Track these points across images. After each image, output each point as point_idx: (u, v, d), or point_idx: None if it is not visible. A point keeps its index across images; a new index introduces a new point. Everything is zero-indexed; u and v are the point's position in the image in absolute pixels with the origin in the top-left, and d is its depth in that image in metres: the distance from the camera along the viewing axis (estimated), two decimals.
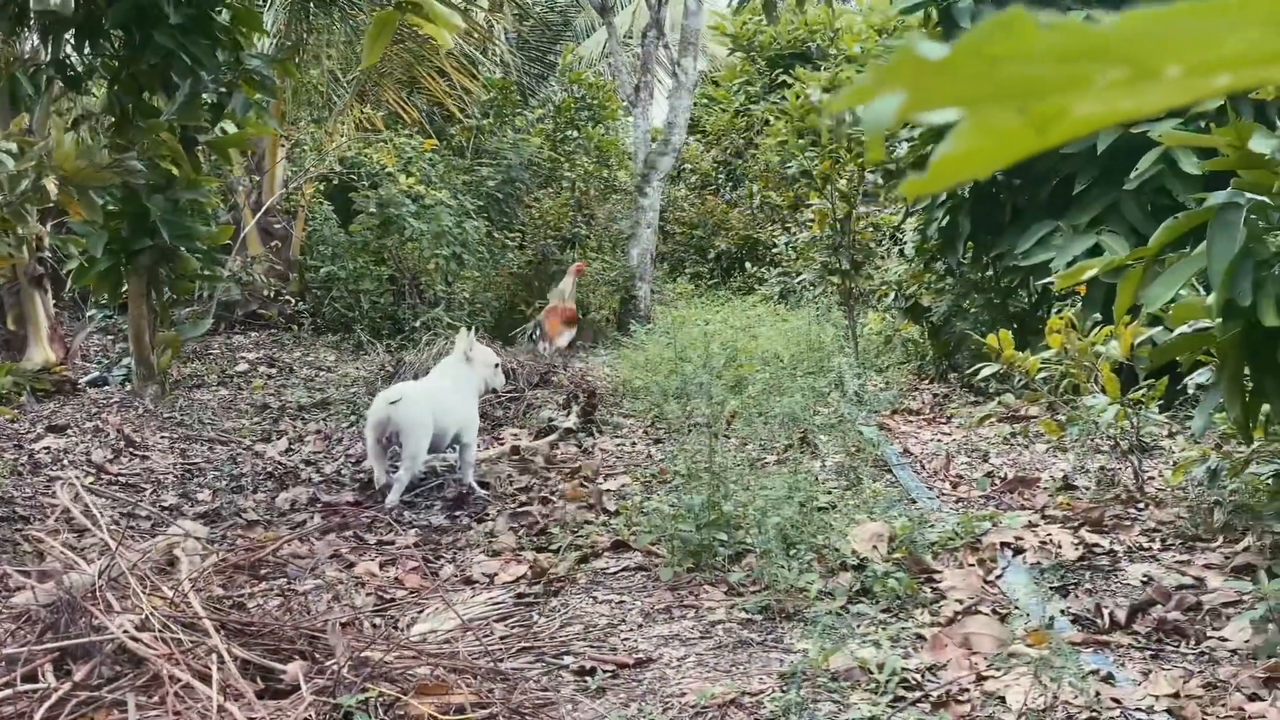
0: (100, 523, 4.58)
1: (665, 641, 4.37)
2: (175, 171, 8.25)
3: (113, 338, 11.81)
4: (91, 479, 6.72)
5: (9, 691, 3.38)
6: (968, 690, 3.68)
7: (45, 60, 8.14)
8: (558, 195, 16.79)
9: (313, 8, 13.75)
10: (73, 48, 8.41)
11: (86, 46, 8.25)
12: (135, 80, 8.14)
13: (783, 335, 12.77)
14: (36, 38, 8.34)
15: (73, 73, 8.31)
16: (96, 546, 4.93)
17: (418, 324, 12.96)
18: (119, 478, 6.99)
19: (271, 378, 10.91)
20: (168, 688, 3.31)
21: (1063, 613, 4.38)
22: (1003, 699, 3.57)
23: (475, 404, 7.18)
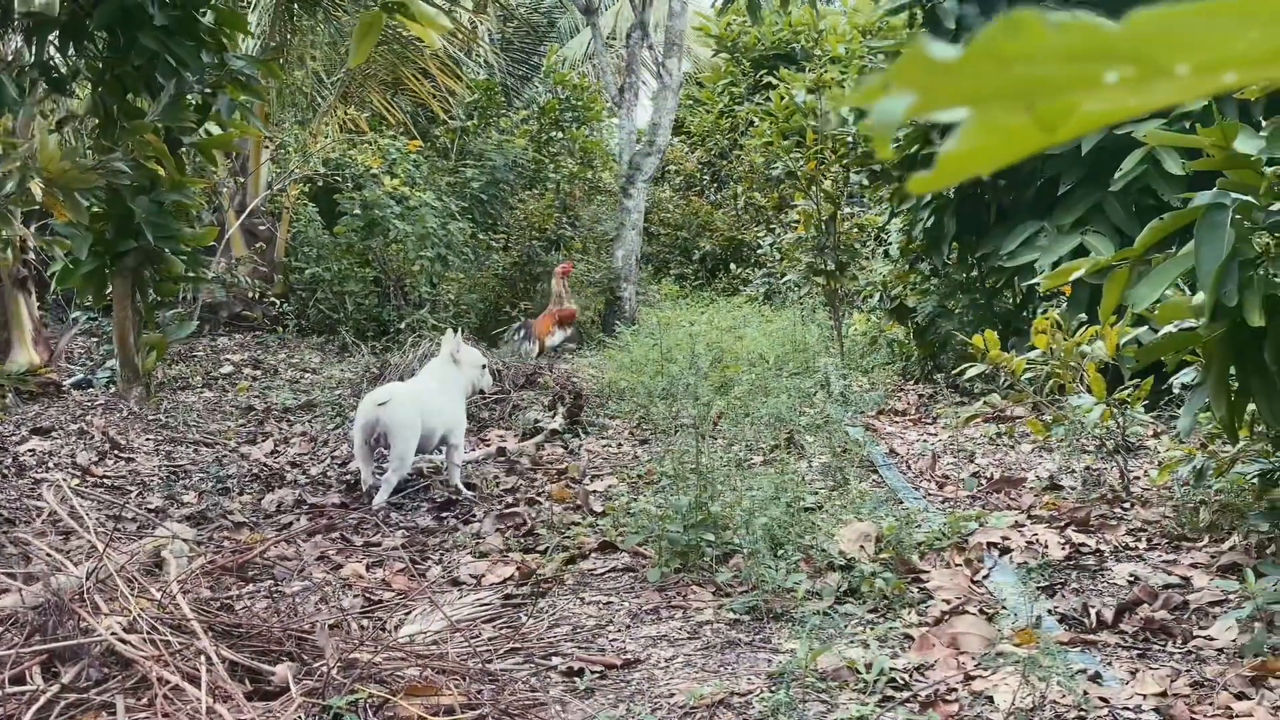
0: (88, 525, 4.57)
1: (653, 642, 4.37)
2: (160, 173, 8.23)
3: (97, 340, 11.79)
4: (77, 481, 6.70)
5: None
6: (956, 690, 3.69)
7: (29, 62, 8.11)
8: (542, 197, 16.78)
9: (296, 9, 13.72)
10: (57, 49, 8.39)
11: (71, 48, 8.23)
12: (120, 82, 8.12)
13: (768, 336, 12.80)
14: (20, 39, 8.30)
15: (57, 74, 8.28)
16: (83, 549, 4.92)
17: (402, 325, 12.94)
18: (104, 480, 6.97)
19: (256, 380, 10.89)
20: (156, 689, 3.31)
21: (1050, 612, 4.39)
22: (991, 698, 3.58)
23: (463, 405, 7.18)
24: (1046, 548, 5.17)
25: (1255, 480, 5.10)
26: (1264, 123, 4.19)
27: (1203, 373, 4.54)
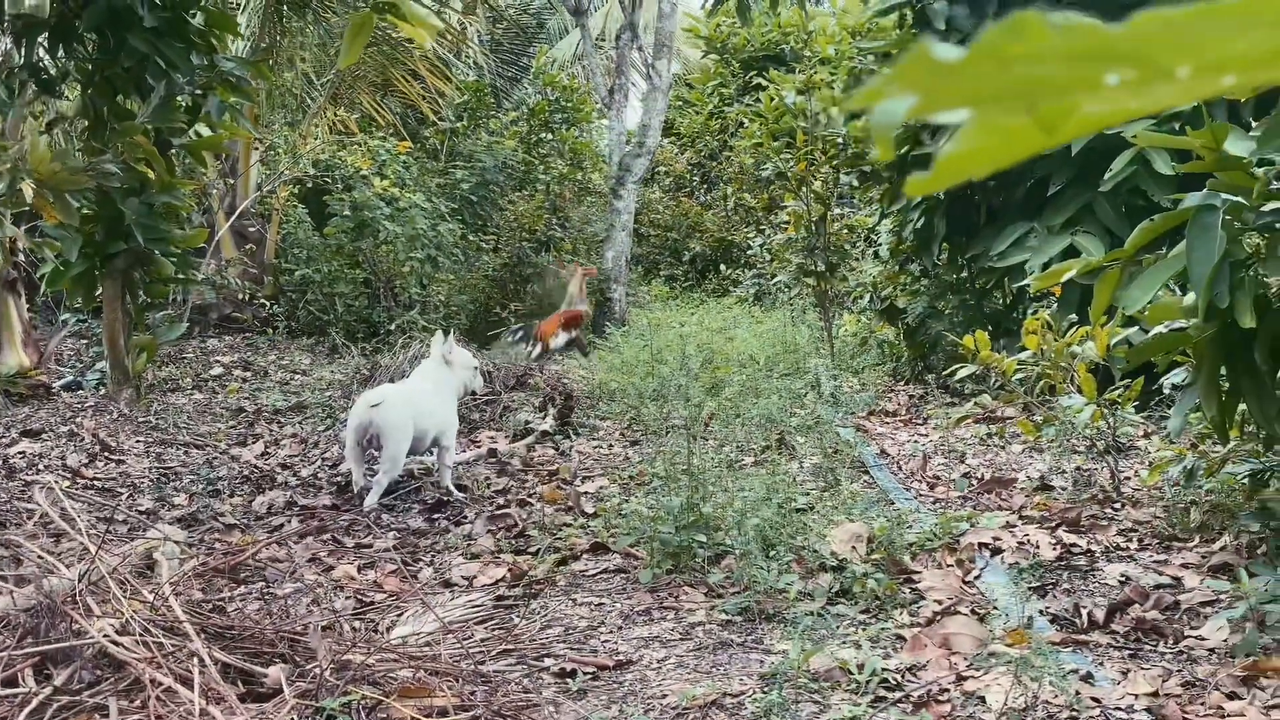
0: (79, 527, 4.56)
1: (645, 643, 4.37)
2: (150, 175, 8.22)
3: (87, 342, 11.77)
4: (67, 483, 6.69)
5: None
6: (948, 690, 3.69)
7: (19, 63, 8.11)
8: (532, 198, 16.79)
9: (285, 10, 13.71)
10: (46, 51, 8.37)
11: (60, 50, 8.22)
12: (109, 83, 8.11)
13: (758, 337, 12.80)
14: (10, 41, 8.29)
15: (46, 76, 8.27)
16: (74, 551, 4.91)
17: (392, 327, 12.93)
18: (95, 482, 6.96)
19: (246, 381, 10.87)
20: (149, 691, 3.30)
21: (1041, 613, 4.39)
22: (983, 699, 3.58)
23: (454, 407, 7.18)
24: (1038, 548, 5.18)
25: (1246, 480, 5.11)
26: (1254, 124, 4.19)
27: (1193, 373, 4.54)
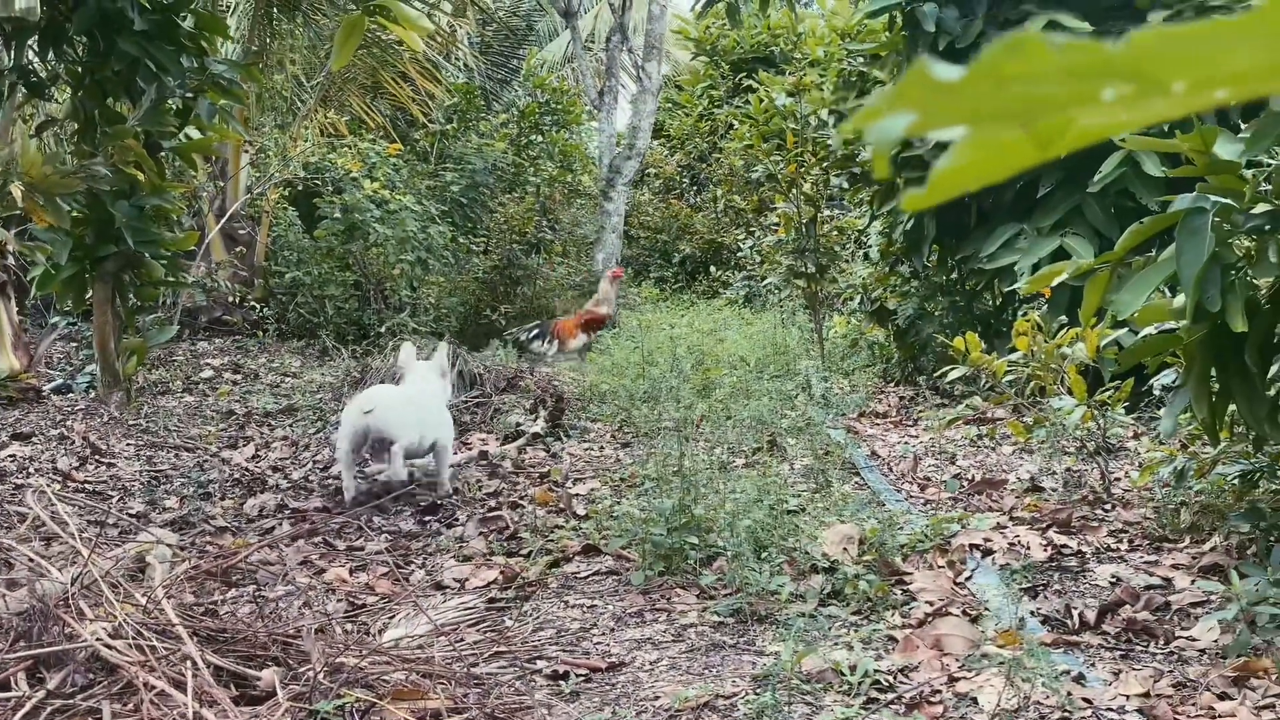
0: (71, 530, 4.56)
1: (638, 645, 4.38)
2: (140, 178, 8.21)
3: (76, 345, 11.76)
4: (58, 487, 6.68)
5: None
6: (940, 691, 3.70)
7: (8, 66, 8.10)
8: (522, 200, 16.78)
9: (276, 13, 13.70)
10: (36, 54, 8.36)
11: (50, 52, 8.21)
12: (100, 86, 8.09)
13: (749, 339, 12.82)
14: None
15: (36, 79, 8.26)
16: (65, 555, 4.91)
17: (383, 329, 12.92)
18: (85, 485, 6.95)
19: (237, 384, 10.86)
20: (142, 695, 3.30)
21: (1032, 614, 4.41)
22: (975, 700, 3.59)
23: (447, 410, 7.20)
24: (1028, 549, 5.19)
25: (1236, 481, 5.13)
26: (1243, 126, 4.21)
27: (1184, 375, 4.56)
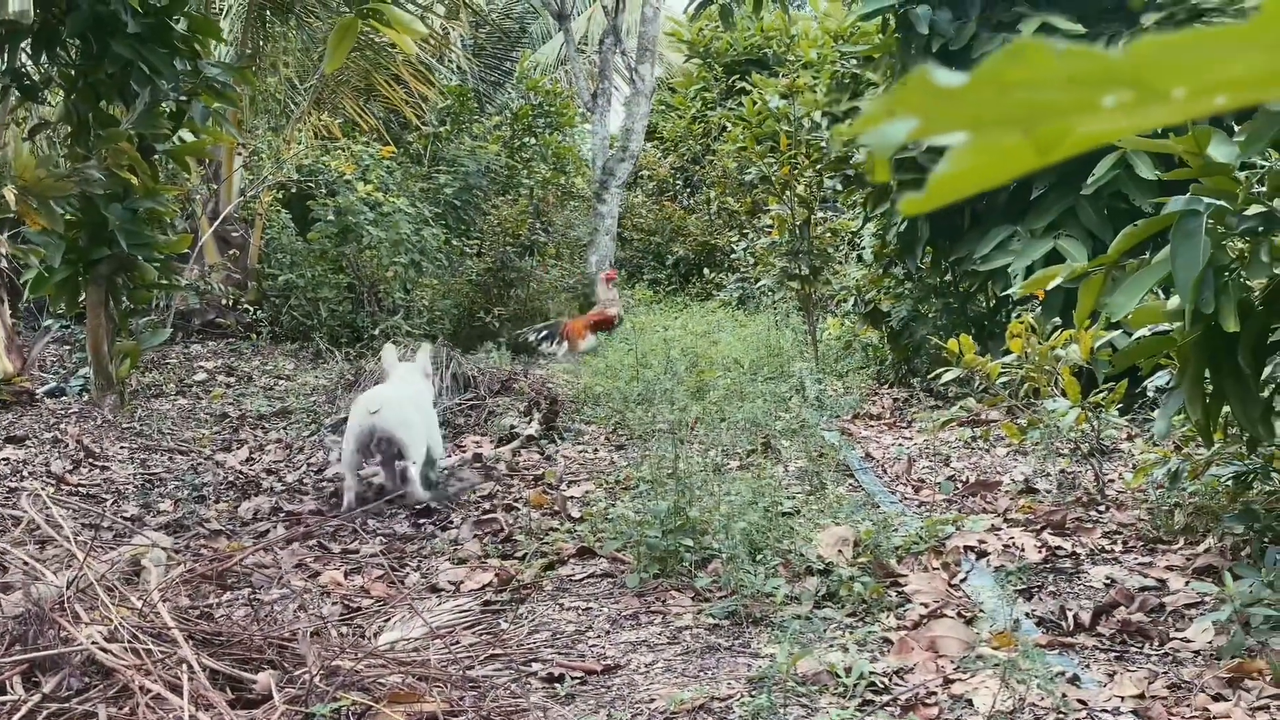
0: (67, 534, 4.56)
1: (633, 647, 4.38)
2: (133, 181, 8.21)
3: (70, 348, 11.73)
4: (52, 490, 6.67)
5: None
6: (935, 693, 3.70)
7: (2, 69, 8.09)
8: (516, 202, 16.79)
9: (269, 15, 13.70)
10: (29, 56, 8.35)
11: (44, 55, 8.20)
12: (93, 89, 8.09)
13: (742, 341, 12.82)
14: None
15: (29, 81, 8.25)
16: (60, 558, 4.91)
17: (376, 332, 12.93)
18: (79, 488, 6.94)
19: (230, 387, 10.86)
20: (138, 698, 3.30)
21: (1027, 615, 4.41)
22: (970, 701, 3.60)
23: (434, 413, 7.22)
24: (1023, 551, 5.20)
25: (1230, 482, 5.14)
26: (1237, 128, 4.22)
27: (1178, 376, 4.56)
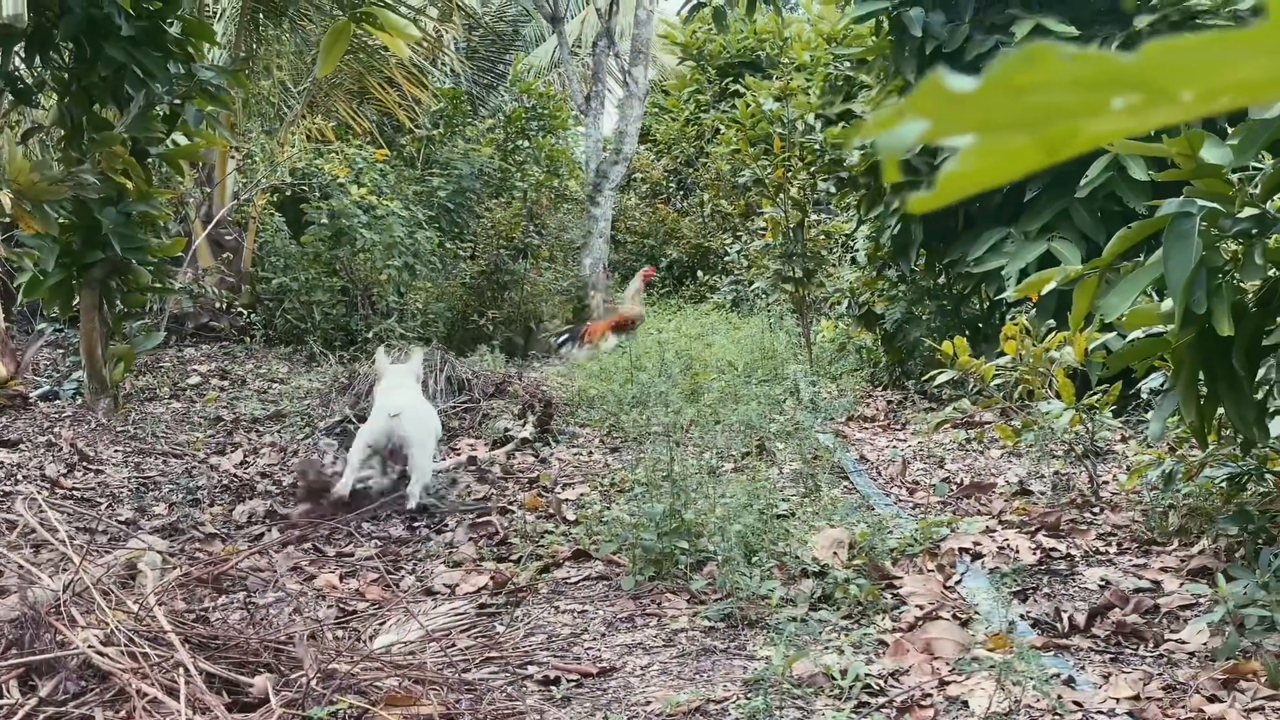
0: (63, 537, 4.56)
1: (629, 650, 4.38)
2: (127, 184, 8.20)
3: (63, 351, 11.71)
4: (46, 494, 6.66)
5: None
6: (931, 695, 3.71)
7: None
8: (509, 205, 16.77)
9: (262, 19, 13.69)
10: (22, 60, 8.35)
11: (37, 59, 8.19)
12: (87, 93, 8.08)
13: (736, 343, 12.84)
14: None
15: (23, 85, 8.25)
16: (55, 561, 4.90)
17: (370, 335, 12.92)
18: (73, 492, 6.93)
19: (224, 390, 10.84)
20: (135, 702, 3.30)
21: (1022, 617, 4.42)
22: (966, 703, 3.60)
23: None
24: (1017, 553, 5.21)
25: (1224, 484, 5.15)
26: (1229, 130, 4.22)
27: (1172, 378, 4.58)
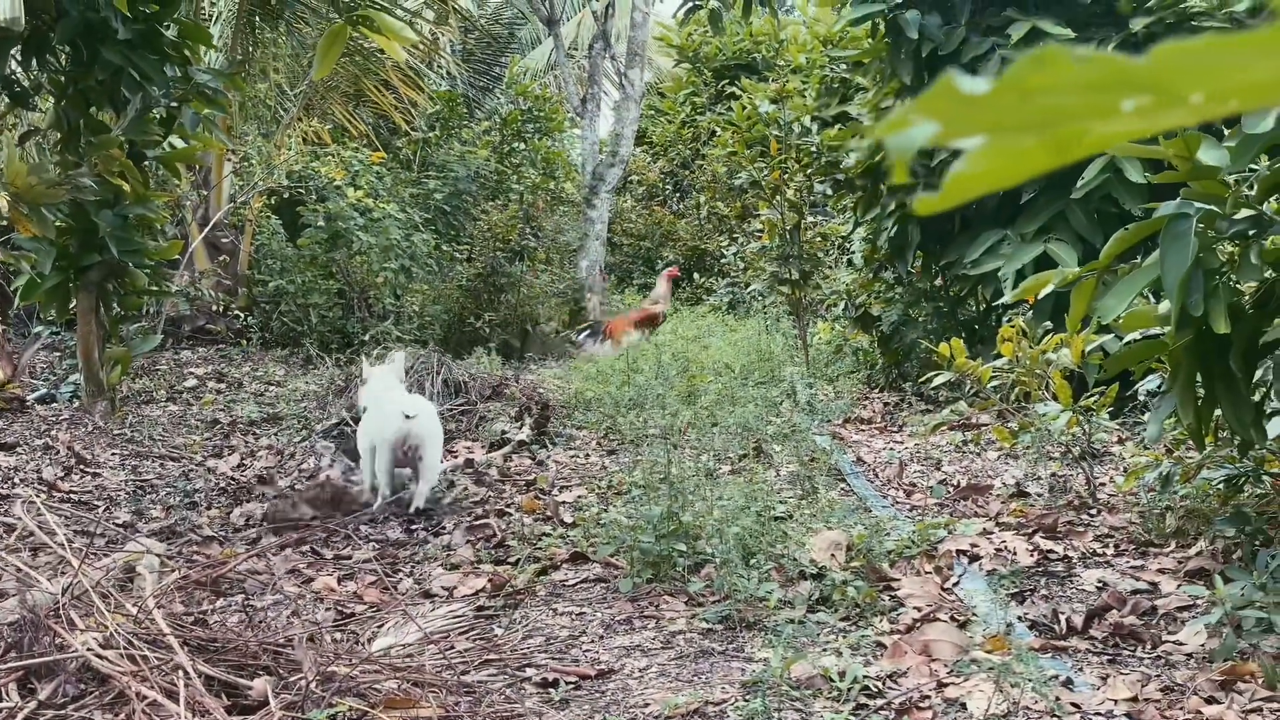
0: (61, 540, 4.55)
1: (627, 652, 4.38)
2: (124, 187, 8.20)
3: (60, 354, 11.70)
4: (43, 497, 6.66)
5: None
6: (929, 697, 3.71)
7: None
8: (505, 208, 16.78)
9: (259, 22, 13.70)
10: (19, 63, 8.34)
11: (34, 62, 8.19)
12: (83, 96, 8.08)
13: (733, 346, 12.84)
14: None
15: (19, 88, 8.24)
16: (53, 564, 4.90)
17: (367, 337, 12.92)
18: (71, 495, 6.93)
19: (221, 393, 10.84)
20: (134, 705, 3.30)
21: (1020, 619, 4.42)
22: (964, 705, 3.60)
23: None
24: (1015, 554, 5.21)
25: (1221, 486, 5.15)
26: (1226, 132, 4.23)
27: (1169, 380, 4.58)
